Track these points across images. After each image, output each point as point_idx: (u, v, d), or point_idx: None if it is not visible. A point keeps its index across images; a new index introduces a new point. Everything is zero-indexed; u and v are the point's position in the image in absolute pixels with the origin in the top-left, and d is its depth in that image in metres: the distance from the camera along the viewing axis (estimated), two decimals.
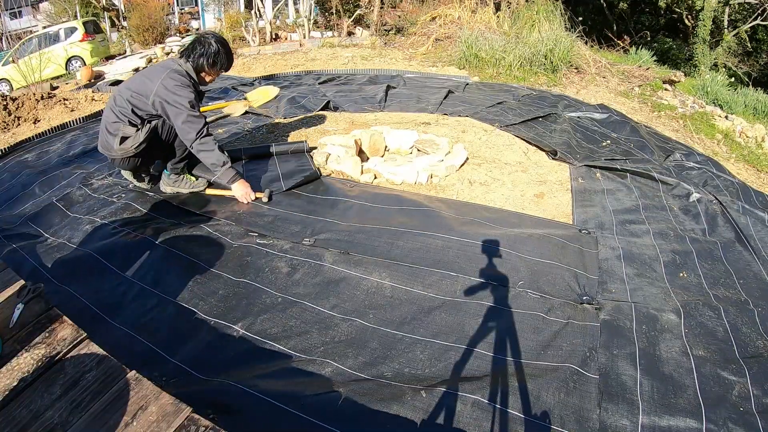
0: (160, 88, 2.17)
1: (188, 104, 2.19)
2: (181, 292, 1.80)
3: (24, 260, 2.01)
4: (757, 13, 10.63)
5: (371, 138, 3.18)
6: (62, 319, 1.25)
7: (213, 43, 2.29)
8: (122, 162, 2.36)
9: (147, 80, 2.22)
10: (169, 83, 2.17)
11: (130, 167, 2.45)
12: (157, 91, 2.17)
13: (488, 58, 6.69)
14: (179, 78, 2.20)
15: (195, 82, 2.31)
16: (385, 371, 1.46)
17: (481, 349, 1.55)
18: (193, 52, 2.28)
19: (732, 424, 1.34)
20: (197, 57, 2.28)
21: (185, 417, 1.00)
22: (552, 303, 1.77)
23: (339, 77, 6.04)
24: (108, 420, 0.99)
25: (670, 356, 1.58)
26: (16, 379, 1.07)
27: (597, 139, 3.99)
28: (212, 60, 2.29)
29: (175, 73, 2.21)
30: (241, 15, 11.40)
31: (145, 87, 2.20)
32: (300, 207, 2.41)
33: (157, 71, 2.23)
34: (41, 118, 4.58)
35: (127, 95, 2.22)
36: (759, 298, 1.96)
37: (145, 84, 2.21)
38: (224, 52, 2.33)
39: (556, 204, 2.70)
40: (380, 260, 1.95)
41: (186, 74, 2.26)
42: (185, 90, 2.20)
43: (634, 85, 6.66)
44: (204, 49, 2.27)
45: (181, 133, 2.26)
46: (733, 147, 5.08)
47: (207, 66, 2.31)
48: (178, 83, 2.18)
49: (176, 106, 2.18)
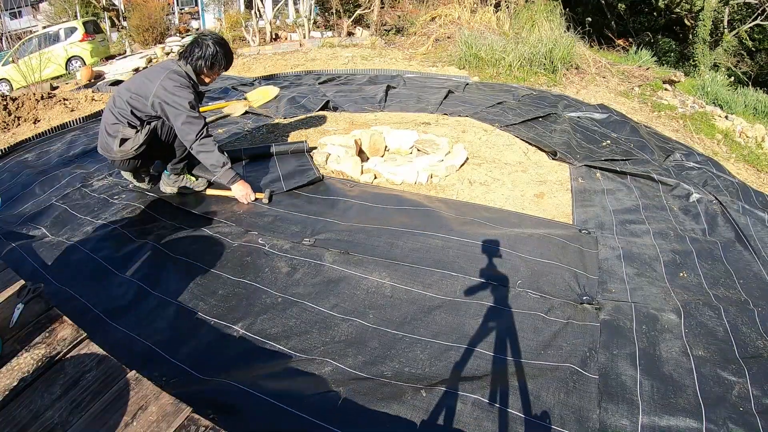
0: (159, 89, 2.16)
1: (188, 105, 2.18)
2: (181, 292, 1.80)
3: (24, 260, 2.01)
4: (757, 13, 10.63)
5: (371, 138, 3.18)
6: (62, 319, 1.25)
7: (211, 44, 2.27)
8: (122, 163, 2.36)
9: (146, 81, 2.21)
10: (168, 84, 2.16)
11: (130, 168, 2.45)
12: (156, 92, 2.16)
13: (488, 58, 6.70)
14: (179, 79, 2.19)
15: (194, 83, 2.30)
16: (385, 370, 1.46)
17: (482, 349, 1.55)
18: (191, 54, 2.27)
19: (732, 424, 1.34)
20: (195, 59, 2.26)
21: (185, 417, 1.00)
22: (552, 303, 1.77)
23: (339, 77, 6.04)
24: (108, 420, 0.99)
25: (670, 356, 1.59)
26: (16, 379, 1.07)
27: (597, 139, 3.99)
28: (210, 62, 2.28)
29: (175, 74, 2.20)
30: (241, 15, 11.40)
31: (145, 88, 2.19)
32: (300, 207, 2.41)
33: (157, 72, 2.22)
34: (41, 118, 4.58)
35: (126, 96, 2.21)
36: (759, 298, 1.96)
37: (144, 85, 2.20)
38: (222, 54, 2.31)
39: (556, 204, 2.70)
40: (380, 260, 1.95)
41: (186, 75, 2.25)
42: (185, 91, 2.19)
43: (634, 85, 6.66)
44: (202, 51, 2.26)
45: (181, 134, 2.25)
46: (733, 147, 5.08)
47: (205, 68, 2.30)
48: (177, 84, 2.17)
49: (176, 107, 2.17)
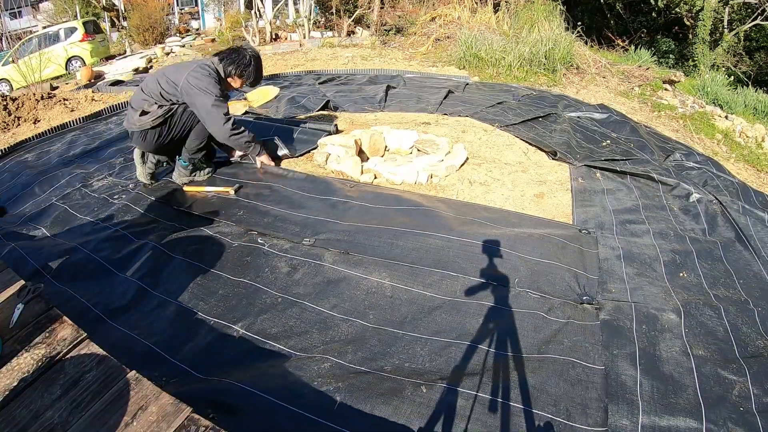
0: (190, 76, 2.35)
1: (216, 91, 2.36)
2: (181, 292, 1.80)
3: (24, 260, 2.01)
4: (757, 13, 10.62)
5: (371, 138, 3.18)
6: (62, 319, 1.25)
7: (248, 56, 2.48)
8: (140, 137, 2.45)
9: (180, 69, 2.41)
10: (198, 73, 2.36)
11: (146, 147, 2.53)
12: (187, 77, 2.34)
13: (488, 58, 6.69)
14: (208, 70, 2.39)
15: (222, 80, 2.47)
16: (385, 365, 1.46)
17: (482, 347, 1.55)
18: (228, 57, 2.46)
19: (732, 424, 1.34)
20: (228, 63, 2.46)
21: (185, 417, 1.00)
22: (552, 303, 1.77)
23: (339, 77, 6.04)
24: (108, 420, 0.99)
25: (670, 356, 1.58)
26: (16, 379, 1.07)
27: (597, 139, 3.99)
28: (241, 71, 2.48)
29: (206, 67, 2.40)
30: (241, 15, 11.40)
31: (178, 74, 2.37)
32: (300, 207, 2.41)
33: (190, 63, 2.46)
34: (41, 118, 4.58)
35: (160, 80, 2.38)
36: (759, 298, 1.96)
37: (178, 71, 2.39)
38: (254, 68, 2.52)
39: (556, 204, 2.70)
40: (380, 260, 1.95)
41: (216, 71, 2.43)
42: (211, 80, 2.38)
43: (634, 85, 6.66)
44: (238, 57, 2.46)
45: (209, 117, 2.38)
46: (733, 147, 5.08)
47: (235, 74, 2.48)
48: (206, 74, 2.37)
49: (203, 92, 2.34)
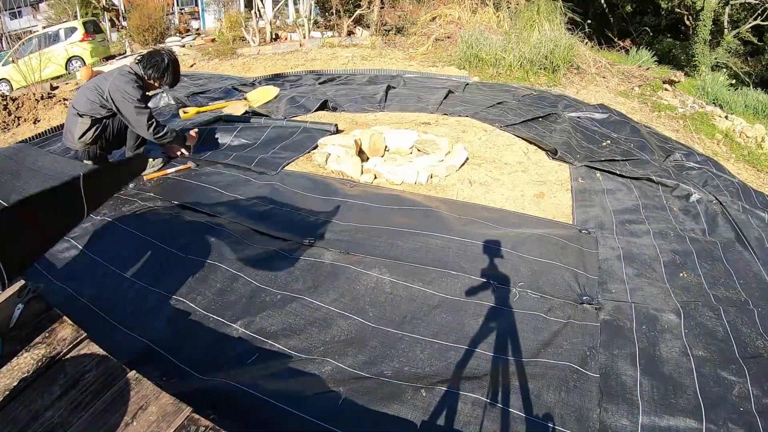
0: (113, 84, 2.55)
1: (137, 95, 2.56)
2: (182, 291, 1.80)
3: None
4: (758, 12, 10.61)
5: (371, 138, 3.18)
6: (62, 319, 1.25)
7: (166, 59, 2.68)
8: (84, 153, 2.68)
9: (104, 79, 2.61)
10: (120, 80, 2.56)
11: (92, 158, 2.73)
12: (110, 87, 2.55)
13: (488, 58, 6.69)
14: (129, 76, 2.59)
15: (144, 83, 2.67)
16: (385, 369, 1.46)
17: (482, 349, 1.55)
18: (149, 61, 2.66)
19: (732, 424, 1.34)
20: (148, 67, 2.65)
21: (185, 417, 1.00)
22: (552, 303, 1.77)
23: (339, 77, 6.04)
24: (108, 420, 0.99)
25: (670, 356, 1.58)
26: (16, 379, 1.07)
27: (597, 139, 3.99)
28: (159, 74, 2.68)
29: (127, 73, 2.60)
30: (241, 15, 11.37)
31: (103, 83, 2.58)
32: (300, 206, 2.41)
33: (112, 72, 2.65)
34: (41, 118, 4.58)
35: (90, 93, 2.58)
36: (759, 298, 1.96)
37: (102, 81, 2.59)
38: (172, 70, 2.71)
39: (556, 204, 2.70)
40: (380, 260, 1.94)
41: (137, 74, 2.63)
42: (134, 85, 2.58)
43: (634, 85, 6.66)
44: (157, 62, 2.65)
45: (134, 121, 2.61)
46: (733, 147, 5.09)
47: (155, 77, 2.69)
48: (127, 80, 2.57)
49: (128, 99, 2.55)
